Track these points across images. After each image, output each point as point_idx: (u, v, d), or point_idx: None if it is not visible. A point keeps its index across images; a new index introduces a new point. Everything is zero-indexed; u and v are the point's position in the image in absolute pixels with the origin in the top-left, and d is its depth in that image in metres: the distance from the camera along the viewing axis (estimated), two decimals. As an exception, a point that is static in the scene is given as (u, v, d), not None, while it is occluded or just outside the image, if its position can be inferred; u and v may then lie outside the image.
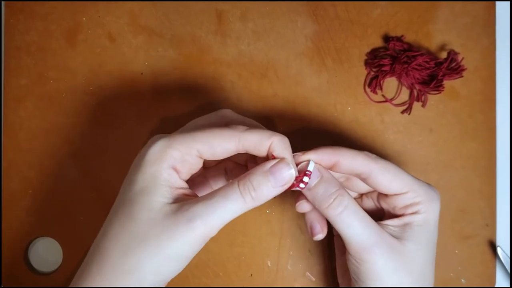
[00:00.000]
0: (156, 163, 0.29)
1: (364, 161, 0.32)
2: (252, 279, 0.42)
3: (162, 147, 0.30)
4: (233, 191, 0.29)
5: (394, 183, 0.32)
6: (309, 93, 0.42)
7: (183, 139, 0.30)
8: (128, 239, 0.28)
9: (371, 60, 0.42)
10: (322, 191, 0.31)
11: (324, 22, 0.42)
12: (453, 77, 0.41)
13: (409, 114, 0.42)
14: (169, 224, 0.28)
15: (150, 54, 0.43)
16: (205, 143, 0.30)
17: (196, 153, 0.30)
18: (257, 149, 0.31)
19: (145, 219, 0.28)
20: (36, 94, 0.43)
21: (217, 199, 0.29)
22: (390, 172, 0.32)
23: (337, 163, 0.32)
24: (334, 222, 0.31)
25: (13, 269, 0.42)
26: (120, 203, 0.30)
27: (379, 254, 0.31)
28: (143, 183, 0.29)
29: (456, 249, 0.42)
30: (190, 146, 0.30)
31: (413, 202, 0.32)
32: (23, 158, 0.43)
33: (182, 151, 0.30)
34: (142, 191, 0.29)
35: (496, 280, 0.42)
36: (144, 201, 0.29)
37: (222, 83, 0.42)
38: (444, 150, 0.42)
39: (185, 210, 0.28)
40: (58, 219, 0.42)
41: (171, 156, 0.30)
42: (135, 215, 0.28)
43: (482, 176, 0.42)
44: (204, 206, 0.28)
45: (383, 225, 0.33)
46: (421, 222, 0.32)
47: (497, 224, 0.42)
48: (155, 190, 0.29)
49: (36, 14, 0.43)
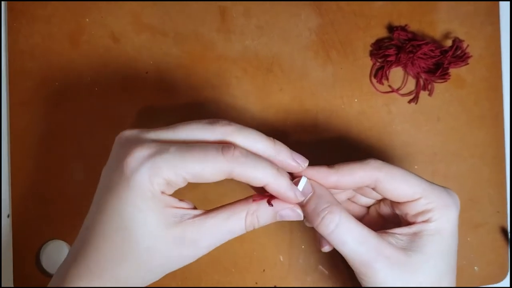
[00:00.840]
0: (146, 194, 0.27)
1: (366, 173, 0.31)
2: (264, 274, 0.42)
3: (147, 177, 0.27)
4: (239, 226, 0.29)
5: (403, 189, 0.31)
6: (315, 87, 0.42)
7: (169, 166, 0.27)
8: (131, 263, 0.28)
9: (376, 51, 0.42)
10: (313, 207, 0.31)
11: (327, 15, 0.42)
12: (458, 65, 0.41)
13: (416, 103, 0.42)
14: (174, 254, 0.28)
15: (154, 52, 0.43)
16: (193, 174, 0.27)
17: (183, 180, 0.28)
18: (251, 183, 0.29)
19: (147, 247, 0.28)
20: (41, 97, 0.43)
21: (223, 235, 0.29)
22: (397, 179, 0.31)
23: (337, 182, 0.31)
24: (328, 240, 0.30)
25: (25, 273, 0.42)
26: (111, 229, 0.28)
27: (378, 268, 0.30)
28: (138, 212, 0.27)
29: (468, 237, 0.42)
30: (176, 174, 0.27)
31: (425, 209, 0.31)
32: (31, 161, 0.43)
33: (169, 181, 0.28)
34: (137, 218, 0.28)
35: (508, 267, 0.42)
36: (144, 229, 0.28)
37: (227, 80, 0.42)
38: (452, 139, 0.42)
39: (190, 241, 0.28)
40: (69, 221, 0.42)
41: (158, 186, 0.27)
42: (136, 243, 0.28)
43: (490, 164, 0.42)
44: (211, 238, 0.29)
45: (389, 234, 0.31)
46: (432, 231, 0.31)
47: (508, 210, 0.42)
48: (152, 217, 0.28)
49: (38, 17, 0.43)
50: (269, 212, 0.30)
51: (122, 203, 0.28)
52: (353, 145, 0.42)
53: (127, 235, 0.28)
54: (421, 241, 0.30)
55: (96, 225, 0.29)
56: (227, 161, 0.27)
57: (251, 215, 0.29)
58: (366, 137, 0.42)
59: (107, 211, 0.28)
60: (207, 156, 0.27)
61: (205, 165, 0.27)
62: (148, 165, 0.27)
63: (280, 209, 0.30)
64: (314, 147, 0.42)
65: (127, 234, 0.28)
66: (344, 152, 0.42)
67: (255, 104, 0.42)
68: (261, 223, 0.30)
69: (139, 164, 0.27)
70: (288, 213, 0.30)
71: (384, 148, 0.42)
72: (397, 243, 0.31)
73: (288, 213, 0.30)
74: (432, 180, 0.41)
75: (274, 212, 0.30)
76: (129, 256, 0.28)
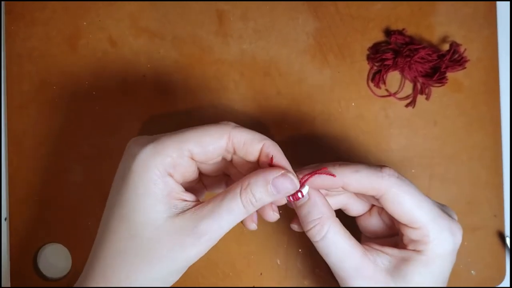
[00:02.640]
0: (148, 174, 0.27)
1: (375, 185, 0.30)
2: (262, 278, 0.42)
3: (150, 155, 0.28)
4: (236, 204, 0.28)
5: (405, 215, 0.30)
6: (313, 90, 0.42)
7: (172, 141, 0.28)
8: (134, 258, 0.28)
9: (373, 54, 0.42)
10: (305, 213, 0.30)
11: (325, 18, 0.42)
12: (456, 69, 0.41)
13: (413, 107, 0.42)
14: (175, 243, 0.27)
15: (152, 56, 0.43)
16: (196, 142, 0.28)
17: (188, 154, 0.28)
18: (246, 150, 0.29)
19: (148, 237, 0.27)
20: (39, 100, 0.43)
21: (221, 214, 0.28)
22: (402, 203, 0.30)
23: (344, 185, 0.31)
24: (315, 247, 0.31)
25: (22, 276, 0.42)
26: (115, 219, 0.28)
27: (355, 286, 0.30)
28: (138, 197, 0.28)
29: (465, 241, 0.42)
30: (181, 147, 0.28)
31: (421, 240, 0.30)
32: (28, 165, 0.43)
33: (172, 156, 0.28)
34: (139, 206, 0.28)
35: (506, 270, 0.42)
36: (144, 219, 0.28)
37: (225, 83, 0.42)
38: (449, 142, 0.42)
39: (190, 229, 0.27)
40: (66, 225, 0.42)
41: (162, 163, 0.28)
42: (137, 232, 0.28)
43: (488, 167, 0.42)
44: (209, 223, 0.28)
45: (378, 251, 0.31)
46: (420, 265, 0.30)
47: (505, 214, 0.42)
48: (153, 205, 0.28)
49: (36, 20, 0.43)
50: (261, 181, 0.28)
51: (123, 189, 0.28)
52: (350, 149, 0.42)
53: (130, 226, 0.28)
54: (407, 269, 0.30)
55: (104, 222, 0.29)
56: (224, 126, 0.29)
57: (244, 190, 0.28)
58: (364, 140, 0.42)
59: (111, 201, 0.29)
60: (205, 129, 0.29)
61: (204, 134, 0.29)
62: (151, 146, 0.28)
63: (271, 176, 0.28)
64: (311, 150, 0.42)
65: (130, 225, 0.28)
66: (341, 156, 0.42)
67: (252, 107, 0.42)
68: (257, 197, 0.28)
69: (142, 146, 0.28)
70: (282, 182, 0.29)
71: (381, 152, 0.42)
72: (383, 264, 0.30)
73: (282, 181, 0.29)
74: (430, 184, 0.42)
75: (265, 181, 0.28)
76: (134, 250, 0.28)
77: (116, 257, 0.28)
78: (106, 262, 0.28)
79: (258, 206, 0.29)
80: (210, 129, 0.29)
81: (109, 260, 0.28)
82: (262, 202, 0.29)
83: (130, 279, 0.28)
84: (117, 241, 0.28)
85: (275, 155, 0.29)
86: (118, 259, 0.28)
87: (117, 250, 0.28)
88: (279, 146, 0.30)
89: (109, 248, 0.28)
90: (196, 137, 0.28)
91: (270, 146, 0.29)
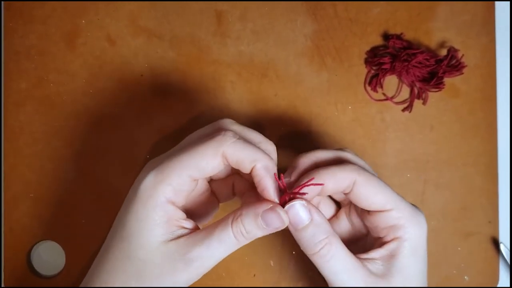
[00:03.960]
0: (149, 202, 0.29)
1: (345, 174, 0.30)
2: (255, 279, 0.42)
3: (153, 184, 0.29)
4: (227, 235, 0.29)
5: (377, 197, 0.30)
6: (310, 93, 0.42)
7: (172, 169, 0.29)
8: (127, 277, 0.29)
9: (371, 58, 0.42)
10: (309, 236, 0.30)
11: (323, 21, 0.42)
12: (453, 75, 0.41)
13: (409, 112, 0.42)
14: (167, 265, 0.29)
15: (150, 55, 0.43)
16: (195, 168, 0.29)
17: (188, 180, 0.30)
18: (239, 167, 0.30)
19: (142, 259, 0.29)
20: (36, 97, 0.43)
21: (213, 244, 0.29)
22: (374, 186, 0.30)
23: (323, 189, 0.31)
24: (320, 268, 0.30)
25: (15, 273, 0.42)
26: (116, 239, 0.30)
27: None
28: (138, 222, 0.29)
29: (459, 247, 0.42)
30: (181, 174, 0.29)
31: (396, 223, 0.30)
32: (24, 162, 0.43)
33: (173, 184, 0.29)
34: (137, 230, 0.29)
35: (499, 277, 0.42)
36: (141, 241, 0.29)
37: (222, 84, 0.42)
38: (445, 147, 0.42)
39: (182, 255, 0.28)
40: (61, 222, 0.42)
41: (163, 192, 0.29)
42: (132, 254, 0.29)
43: (483, 173, 0.42)
44: (201, 251, 0.29)
45: (367, 260, 0.31)
46: (408, 253, 0.30)
47: (500, 220, 0.42)
48: (151, 230, 0.29)
49: (35, 17, 0.43)
50: (251, 214, 0.29)
51: (127, 213, 0.30)
52: (346, 152, 0.42)
53: (127, 248, 0.29)
54: (398, 264, 0.30)
55: (107, 240, 0.31)
56: (218, 142, 0.29)
57: (235, 221, 0.29)
58: (360, 144, 0.42)
59: (116, 223, 0.31)
60: (200, 148, 0.29)
61: (200, 155, 0.29)
62: (153, 173, 0.29)
63: (261, 209, 0.29)
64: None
65: (127, 247, 0.29)
66: (337, 159, 0.42)
67: (249, 108, 0.42)
68: (247, 229, 0.29)
69: (146, 173, 0.30)
70: (271, 216, 0.29)
71: (377, 155, 0.42)
72: (377, 270, 0.30)
73: (270, 216, 0.29)
74: (424, 189, 0.42)
75: (255, 213, 0.29)
76: (128, 269, 0.29)
77: (112, 275, 0.29)
78: (102, 278, 0.30)
79: (250, 238, 0.30)
80: (207, 150, 0.29)
81: (105, 276, 0.30)
82: (253, 235, 0.29)
83: None
84: (115, 260, 0.29)
85: (262, 183, 0.30)
86: (114, 276, 0.29)
87: (113, 268, 0.29)
88: (272, 165, 0.30)
89: (107, 265, 0.30)
90: (194, 163, 0.29)
91: (259, 170, 0.29)
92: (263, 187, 0.30)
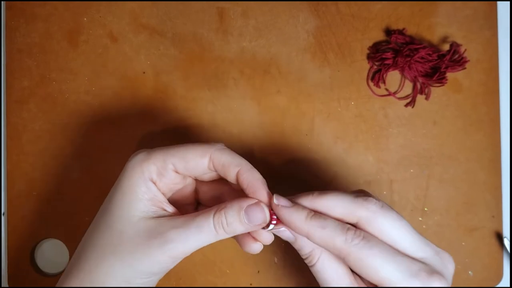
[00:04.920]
0: (134, 176, 0.30)
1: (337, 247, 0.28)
2: (259, 276, 0.42)
3: (140, 161, 0.31)
4: (207, 223, 0.29)
5: (370, 278, 0.28)
6: (312, 89, 0.42)
7: (159, 153, 0.31)
8: (104, 246, 0.29)
9: (374, 54, 0.42)
10: (297, 248, 0.31)
11: (325, 17, 0.42)
12: (456, 69, 0.41)
13: (412, 107, 0.42)
14: (142, 242, 0.29)
15: (152, 53, 0.43)
16: (179, 157, 0.31)
17: (172, 167, 0.31)
18: (225, 172, 0.31)
19: (120, 231, 0.29)
20: (39, 95, 0.43)
21: (190, 229, 0.29)
22: (365, 268, 0.27)
23: (308, 237, 0.29)
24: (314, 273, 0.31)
25: (19, 271, 0.42)
26: (101, 212, 0.31)
27: None
28: (122, 195, 0.30)
29: (463, 241, 0.42)
30: (165, 159, 0.31)
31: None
32: (27, 160, 0.43)
33: (157, 165, 0.31)
34: (121, 202, 0.30)
35: (503, 271, 0.42)
36: (122, 213, 0.30)
37: (225, 81, 0.42)
38: (448, 142, 0.42)
39: (159, 233, 0.29)
40: (64, 220, 0.42)
41: (147, 169, 0.30)
42: (112, 224, 0.30)
43: (486, 168, 0.42)
44: (178, 233, 0.29)
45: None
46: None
47: (503, 215, 0.42)
48: (133, 203, 0.30)
49: (37, 16, 0.43)
50: (235, 206, 0.30)
51: (114, 188, 0.31)
52: (349, 148, 0.42)
53: (109, 219, 0.30)
54: None
55: (95, 217, 0.32)
56: (207, 147, 0.31)
57: (219, 212, 0.29)
58: (363, 139, 0.42)
59: (105, 200, 0.32)
60: (191, 147, 0.31)
61: (188, 152, 0.31)
62: (143, 153, 0.31)
63: (246, 203, 0.29)
64: (310, 149, 0.42)
65: (109, 218, 0.30)
66: (340, 155, 0.42)
67: (252, 105, 0.42)
68: (228, 221, 0.29)
69: (136, 154, 0.31)
70: (254, 210, 0.29)
71: (380, 151, 0.42)
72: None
73: (253, 210, 0.29)
74: (428, 184, 0.42)
75: (240, 206, 0.29)
76: (106, 240, 0.29)
77: (94, 248, 0.30)
78: (87, 252, 0.30)
79: (229, 232, 0.30)
80: (195, 148, 0.31)
81: (89, 250, 0.30)
82: (232, 228, 0.30)
83: (108, 276, 0.29)
84: (97, 231, 0.30)
85: (248, 182, 0.30)
86: (91, 247, 0.30)
87: (95, 240, 0.30)
88: (257, 172, 0.31)
89: (90, 238, 0.30)
90: (180, 153, 0.31)
91: (244, 173, 0.30)
92: (254, 189, 0.30)
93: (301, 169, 0.42)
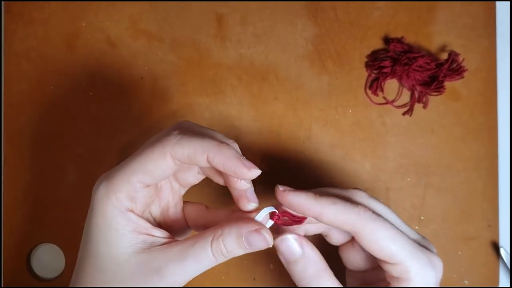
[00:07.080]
0: (106, 211, 0.28)
1: (350, 220, 0.28)
2: (255, 283, 0.42)
3: (105, 193, 0.28)
4: (205, 253, 0.27)
5: (382, 249, 0.28)
6: (310, 96, 0.42)
7: (120, 176, 0.28)
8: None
9: (372, 62, 0.42)
10: (299, 270, 0.29)
11: (324, 24, 0.42)
12: (454, 78, 0.41)
13: (410, 115, 0.42)
14: (140, 281, 0.27)
15: (150, 58, 0.43)
16: (142, 172, 0.27)
17: (140, 185, 0.28)
18: (194, 163, 0.28)
19: (113, 273, 0.27)
20: (36, 100, 0.43)
21: (188, 260, 0.27)
22: (380, 239, 0.28)
23: (319, 216, 0.29)
24: None
25: (15, 276, 0.42)
26: (85, 253, 0.29)
27: None
28: (104, 234, 0.28)
29: (459, 251, 0.42)
30: (129, 180, 0.27)
31: (402, 277, 0.28)
32: (24, 164, 0.43)
33: (124, 190, 0.28)
34: (103, 241, 0.28)
35: (499, 281, 0.42)
36: (109, 252, 0.28)
37: (223, 87, 0.42)
38: (446, 151, 0.42)
39: (155, 268, 0.27)
40: (60, 225, 0.42)
41: (117, 200, 0.27)
42: (103, 266, 0.28)
43: (484, 177, 0.42)
44: (175, 267, 0.27)
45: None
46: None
47: (500, 225, 0.42)
48: (118, 240, 0.27)
49: (35, 20, 0.43)
50: (233, 234, 0.27)
51: (90, 227, 0.28)
52: (346, 156, 0.42)
53: (96, 261, 0.28)
54: None
55: (78, 258, 0.30)
56: (162, 143, 0.27)
57: (216, 240, 0.27)
58: (360, 148, 0.42)
59: (83, 239, 0.29)
60: (148, 154, 0.28)
61: (147, 161, 0.27)
62: (104, 182, 0.28)
63: (245, 230, 0.27)
64: (307, 156, 0.42)
65: (96, 260, 0.28)
66: (337, 163, 0.42)
67: (249, 112, 0.42)
68: (228, 249, 0.27)
69: (98, 184, 0.28)
70: (255, 238, 0.27)
71: (377, 159, 0.42)
72: None
73: (255, 237, 0.27)
74: (425, 193, 0.42)
75: (238, 234, 0.27)
76: (103, 284, 0.28)
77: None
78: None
79: (230, 257, 0.28)
80: (153, 152, 0.27)
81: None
82: (233, 254, 0.28)
83: None
84: (87, 275, 0.28)
85: (223, 165, 0.27)
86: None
87: (88, 284, 0.28)
88: (227, 150, 0.27)
89: (81, 282, 0.28)
90: (141, 166, 0.28)
91: (214, 158, 0.27)
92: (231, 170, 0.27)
93: (297, 176, 0.42)
